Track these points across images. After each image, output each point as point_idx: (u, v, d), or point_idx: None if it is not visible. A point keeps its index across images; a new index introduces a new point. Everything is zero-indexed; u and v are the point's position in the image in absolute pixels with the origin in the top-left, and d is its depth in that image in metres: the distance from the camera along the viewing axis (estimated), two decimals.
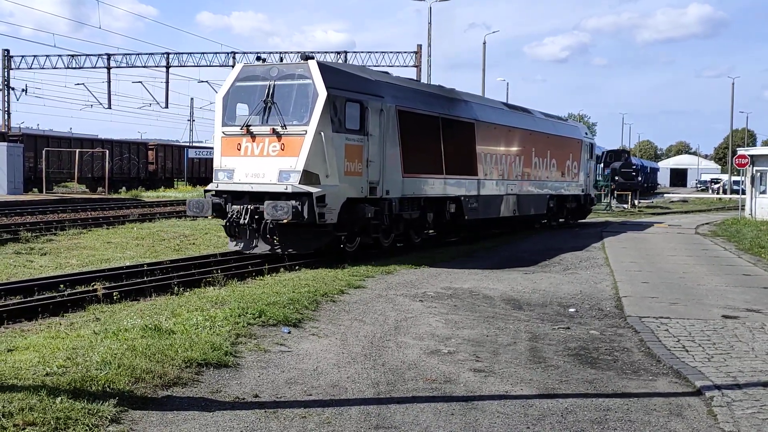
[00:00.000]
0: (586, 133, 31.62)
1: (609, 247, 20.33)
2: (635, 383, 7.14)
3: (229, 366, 7.06)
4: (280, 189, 14.82)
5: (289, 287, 11.42)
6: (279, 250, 15.40)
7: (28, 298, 11.25)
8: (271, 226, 15.00)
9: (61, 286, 12.36)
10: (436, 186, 19.11)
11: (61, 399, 5.52)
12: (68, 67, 51.14)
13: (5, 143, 39.97)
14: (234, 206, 15.35)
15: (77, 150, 45.58)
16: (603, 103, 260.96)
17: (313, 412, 5.93)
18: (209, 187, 16.02)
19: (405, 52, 48.57)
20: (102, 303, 11.11)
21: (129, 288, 12.14)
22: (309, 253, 15.63)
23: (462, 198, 20.33)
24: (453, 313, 10.38)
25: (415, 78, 42.74)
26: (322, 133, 14.92)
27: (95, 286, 12.13)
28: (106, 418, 5.41)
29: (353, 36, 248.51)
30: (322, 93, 15.00)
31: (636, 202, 47.48)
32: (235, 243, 15.83)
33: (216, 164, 15.92)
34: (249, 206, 15.11)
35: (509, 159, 23.47)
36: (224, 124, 15.86)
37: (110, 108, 52.94)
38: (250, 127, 15.46)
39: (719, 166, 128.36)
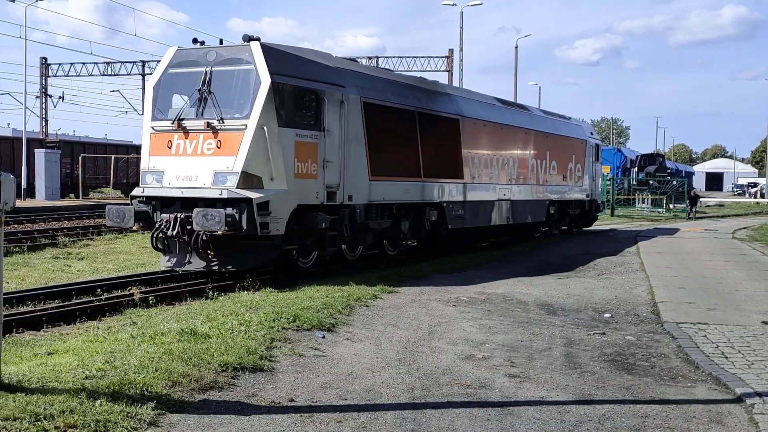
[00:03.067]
0: (592, 133, 29.26)
1: (644, 252, 20.11)
2: (674, 390, 7.04)
3: (265, 370, 7.09)
4: (215, 194, 12.62)
5: (323, 292, 11.46)
6: (215, 267, 13.25)
7: (67, 302, 11.41)
8: (204, 238, 12.68)
9: (98, 290, 12.52)
10: (412, 191, 16.68)
11: (101, 402, 5.59)
12: (104, 74, 51.79)
13: (43, 150, 40.64)
14: (164, 215, 13.08)
15: (113, 156, 46.16)
16: (636, 106, 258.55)
17: (349, 416, 5.94)
18: (135, 192, 13.73)
19: (436, 57, 48.54)
20: (138, 307, 11.24)
21: (165, 292, 12.27)
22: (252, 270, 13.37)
23: (445, 204, 17.89)
24: (487, 318, 10.33)
25: (447, 82, 42.66)
26: (265, 128, 12.68)
27: (131, 291, 12.28)
28: (145, 421, 5.47)
29: (384, 40, 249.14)
30: (266, 80, 12.72)
31: (671, 206, 46.90)
32: (167, 258, 13.61)
33: (143, 165, 13.64)
34: (179, 215, 12.84)
35: (502, 160, 20.95)
36: (154, 118, 13.64)
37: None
38: (183, 122, 13.22)
39: (756, 170, 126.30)
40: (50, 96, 53.61)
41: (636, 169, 56.17)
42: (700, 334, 9.38)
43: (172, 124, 13.24)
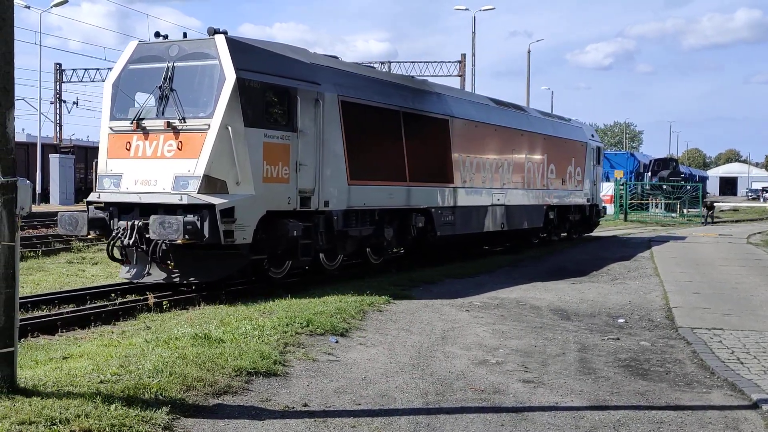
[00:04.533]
0: (593, 135, 28.14)
1: (658, 257, 20.02)
2: (689, 395, 7.00)
3: (278, 375, 7.10)
4: (174, 200, 11.70)
5: (336, 297, 11.46)
6: (177, 279, 12.34)
7: (81, 307, 11.47)
8: (164, 248, 11.76)
9: (113, 294, 12.58)
10: (396, 196, 15.67)
11: (115, 406, 5.61)
12: None
13: (57, 155, 40.93)
14: (121, 222, 12.17)
15: None
16: (649, 110, 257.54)
17: (363, 421, 5.94)
18: (90, 197, 12.86)
19: (449, 62, 48.56)
20: (152, 311, 11.28)
21: (178, 297, 12.30)
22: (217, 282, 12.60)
23: (433, 210, 16.86)
24: (500, 323, 10.31)
25: (459, 87, 42.64)
26: (230, 128, 11.80)
27: (146, 295, 12.31)
28: (159, 425, 5.48)
29: (395, 45, 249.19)
30: (231, 76, 11.87)
31: (685, 211, 46.66)
32: (126, 269, 12.78)
33: (100, 168, 12.74)
34: (137, 222, 11.91)
35: (496, 164, 19.84)
36: (113, 118, 12.76)
37: None
38: (143, 122, 12.34)
39: None
40: (64, 101, 54.03)
41: (649, 173, 55.96)
42: (716, 340, 9.32)
43: (131, 124, 12.39)
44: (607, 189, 45.16)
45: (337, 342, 8.64)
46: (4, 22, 5.62)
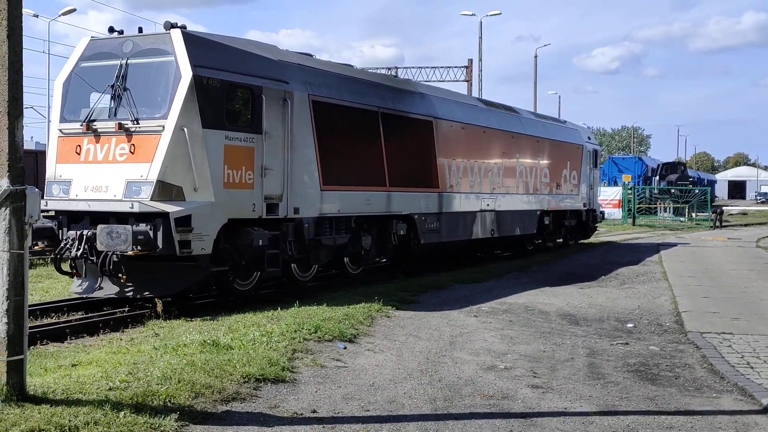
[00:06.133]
0: (590, 138, 27.04)
1: (666, 262, 19.96)
2: (698, 400, 6.97)
3: (287, 381, 7.10)
4: (125, 208, 10.86)
5: (344, 303, 11.46)
6: (130, 293, 11.40)
7: (90, 314, 11.48)
8: (115, 259, 10.96)
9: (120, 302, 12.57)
10: (374, 201, 14.74)
11: (124, 413, 5.62)
12: None
13: None
14: (70, 232, 11.33)
15: None
16: (657, 114, 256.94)
17: (371, 427, 5.93)
18: None
19: (456, 67, 48.54)
20: (161, 319, 11.28)
21: (187, 304, 12.30)
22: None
23: (416, 217, 15.99)
24: (509, 329, 10.29)
25: (467, 92, 42.68)
26: (186, 130, 10.98)
27: (154, 302, 12.31)
28: None
29: (402, 51, 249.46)
30: (187, 73, 11.05)
31: (693, 215, 46.52)
32: (78, 283, 11.89)
33: (49, 174, 11.97)
34: (86, 232, 11.06)
35: (485, 167, 18.88)
36: (63, 120, 11.97)
37: None
38: (94, 123, 11.50)
39: None
40: None
41: (657, 177, 55.84)
42: (725, 344, 9.28)
43: (82, 126, 11.56)
44: (615, 193, 45.09)
45: (345, 348, 8.64)
46: (12, 32, 5.66)
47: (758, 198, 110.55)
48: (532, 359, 8.51)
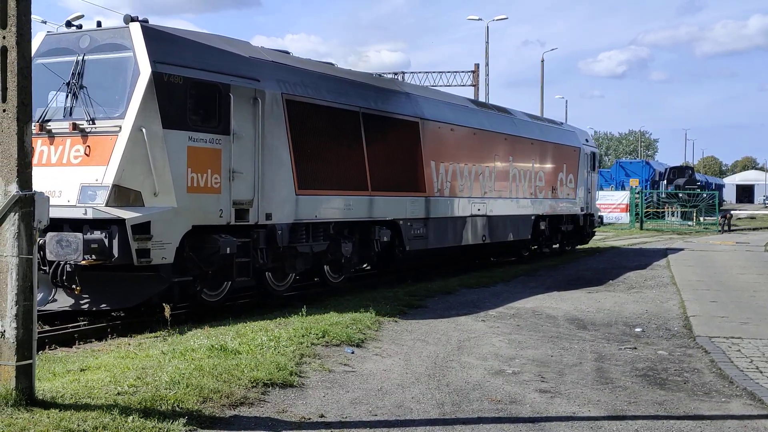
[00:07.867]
0: (587, 140, 26.14)
1: (674, 266, 19.91)
2: (707, 405, 6.95)
3: (295, 386, 7.11)
4: (79, 214, 10.24)
5: (351, 307, 11.46)
6: (86, 306, 10.67)
7: (98, 319, 11.50)
8: (69, 269, 10.36)
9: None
10: (355, 206, 13.97)
11: (133, 418, 5.63)
12: None
13: None
14: None
15: None
16: (664, 118, 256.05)
17: None
18: None
19: (462, 72, 48.56)
20: (169, 323, 11.29)
21: (195, 309, 12.31)
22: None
23: (401, 222, 15.24)
24: (516, 333, 10.27)
25: (473, 97, 42.66)
26: (145, 130, 10.34)
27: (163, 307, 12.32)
28: None
29: (408, 55, 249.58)
30: (146, 70, 10.42)
31: (701, 219, 46.38)
32: None
33: None
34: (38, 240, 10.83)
35: (475, 171, 18.10)
36: None
37: None
38: (48, 123, 10.90)
39: None
40: None
41: (665, 181, 55.73)
42: (734, 349, 9.25)
43: (35, 126, 10.73)
44: (622, 197, 45.01)
45: (353, 353, 8.64)
46: (21, 38, 5.70)
47: (766, 202, 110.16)
48: (540, 364, 8.49)
